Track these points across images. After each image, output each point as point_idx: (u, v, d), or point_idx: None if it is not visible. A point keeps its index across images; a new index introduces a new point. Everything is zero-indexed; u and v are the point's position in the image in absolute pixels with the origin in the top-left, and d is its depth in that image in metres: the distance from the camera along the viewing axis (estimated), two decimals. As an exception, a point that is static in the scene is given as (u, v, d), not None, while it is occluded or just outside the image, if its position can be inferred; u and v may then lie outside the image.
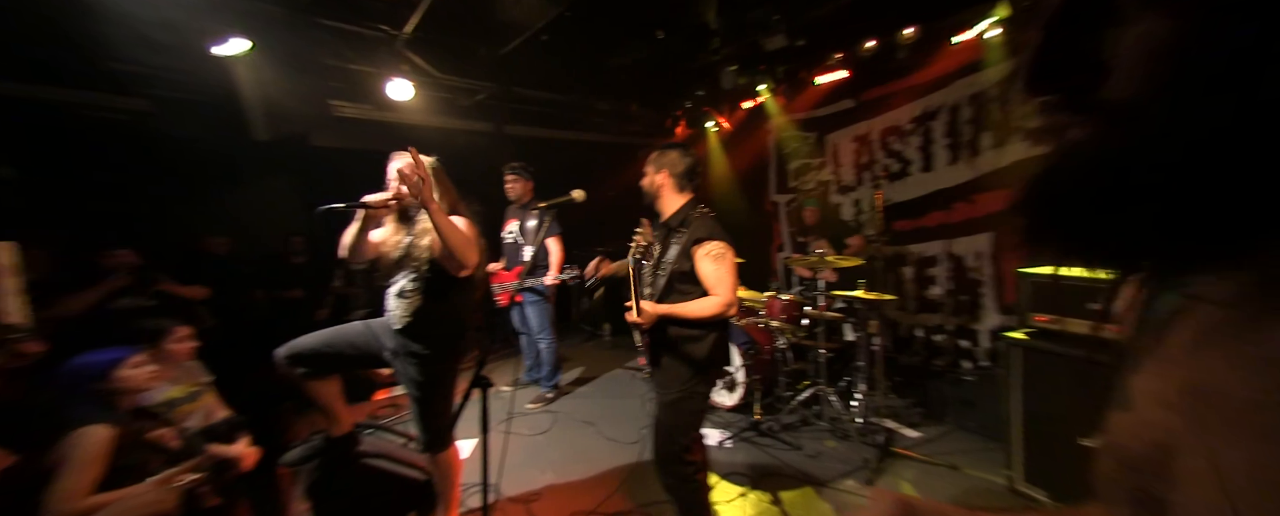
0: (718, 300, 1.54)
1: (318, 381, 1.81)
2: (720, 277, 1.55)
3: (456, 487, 1.88)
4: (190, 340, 1.95)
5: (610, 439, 2.75)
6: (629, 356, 4.38)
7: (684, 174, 1.65)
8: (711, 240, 1.56)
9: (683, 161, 1.65)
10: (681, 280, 1.59)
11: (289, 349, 1.74)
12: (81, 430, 1.38)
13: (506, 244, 3.42)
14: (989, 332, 3.39)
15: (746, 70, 3.93)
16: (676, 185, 1.66)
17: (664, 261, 1.62)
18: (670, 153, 1.68)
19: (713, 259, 1.55)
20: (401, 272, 1.72)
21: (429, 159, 1.78)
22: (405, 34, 3.20)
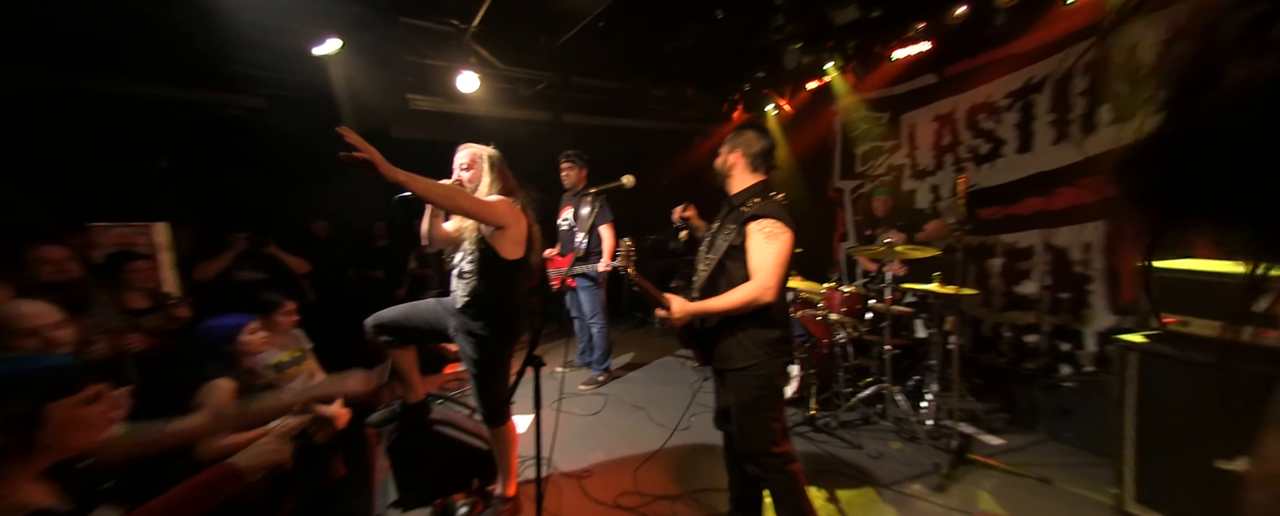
0: (751, 286, 1.43)
1: (397, 350, 2.00)
2: (764, 260, 1.44)
3: (514, 459, 2.00)
4: (295, 313, 2.23)
5: (659, 424, 2.77)
6: (676, 343, 4.37)
7: (758, 155, 1.58)
8: (770, 218, 1.47)
9: (758, 142, 1.58)
10: (732, 257, 1.52)
11: (375, 319, 1.94)
12: (212, 382, 1.63)
13: (562, 231, 3.53)
14: (1096, 334, 2.96)
15: (812, 47, 3.67)
16: (749, 166, 1.59)
17: (717, 240, 1.57)
18: (746, 132, 1.61)
19: (765, 237, 1.45)
20: (462, 255, 1.83)
21: (489, 148, 1.87)
22: (473, 27, 3.35)
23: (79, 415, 0.86)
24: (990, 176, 3.45)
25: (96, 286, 2.09)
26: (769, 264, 1.44)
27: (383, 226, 4.52)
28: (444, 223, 1.89)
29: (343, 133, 1.33)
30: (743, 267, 1.49)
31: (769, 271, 1.44)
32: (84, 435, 0.87)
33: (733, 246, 1.50)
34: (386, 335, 1.95)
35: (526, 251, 1.85)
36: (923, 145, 3.94)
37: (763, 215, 1.47)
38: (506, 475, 1.96)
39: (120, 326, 1.95)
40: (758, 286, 1.43)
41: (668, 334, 4.76)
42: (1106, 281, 2.94)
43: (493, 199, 1.74)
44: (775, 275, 1.44)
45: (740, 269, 1.50)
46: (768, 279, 1.43)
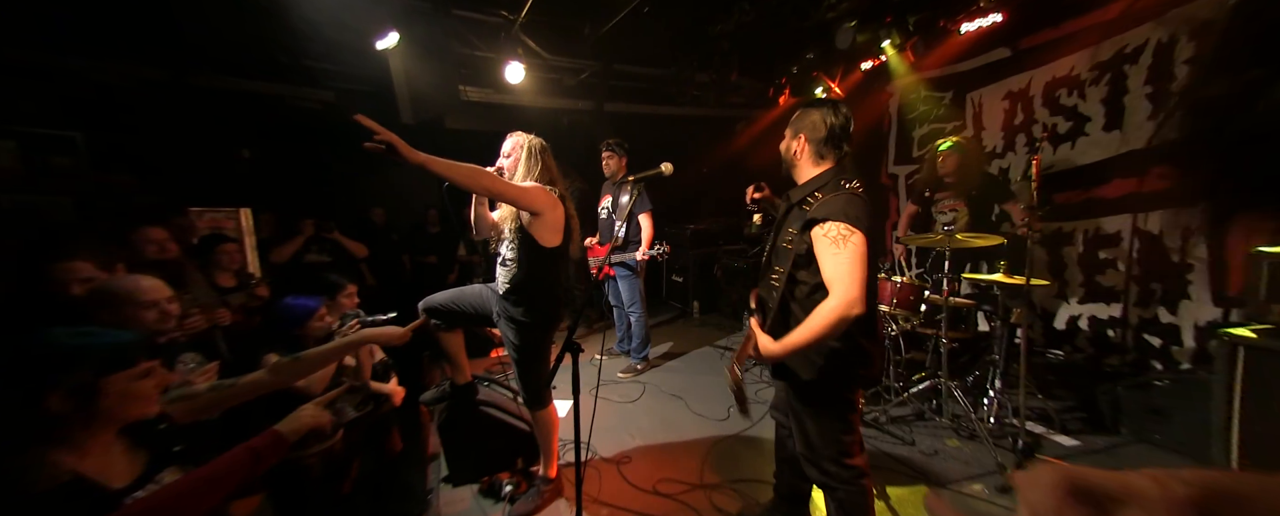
0: (833, 305, 1.20)
1: (447, 333, 2.09)
2: (839, 269, 1.21)
3: (555, 441, 2.05)
4: (355, 295, 2.39)
5: (698, 414, 2.75)
6: (717, 334, 4.32)
7: (826, 139, 1.36)
8: (834, 220, 1.24)
9: (826, 123, 1.36)
10: (799, 266, 1.33)
11: (426, 302, 2.03)
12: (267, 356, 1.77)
13: (601, 219, 3.54)
14: (1194, 328, 2.62)
15: (868, 25, 3.41)
16: (815, 153, 1.38)
17: (780, 243, 1.40)
18: (812, 113, 1.39)
19: (832, 242, 1.23)
20: (504, 243, 1.87)
21: (531, 137, 1.88)
22: (521, 18, 3.39)
23: (134, 388, 0.93)
24: (1070, 157, 3.10)
25: (192, 265, 2.34)
26: (845, 272, 1.21)
27: (435, 214, 4.75)
28: (491, 211, 1.93)
29: (360, 120, 1.31)
30: (814, 275, 1.29)
31: (849, 282, 1.20)
32: (138, 407, 0.95)
33: (798, 254, 1.32)
34: (436, 318, 2.04)
35: (565, 239, 1.86)
36: (991, 125, 3.59)
37: (826, 217, 1.26)
38: (548, 457, 2.02)
39: (213, 302, 2.17)
40: (840, 302, 1.20)
41: (705, 324, 4.71)
42: (1210, 270, 2.57)
43: (526, 184, 1.74)
44: (857, 284, 1.20)
45: (810, 278, 1.32)
46: (849, 291, 1.20)
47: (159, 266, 2.02)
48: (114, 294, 1.42)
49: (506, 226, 1.84)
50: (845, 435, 1.40)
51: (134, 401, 0.93)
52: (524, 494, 1.99)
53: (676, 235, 5.06)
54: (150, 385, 0.96)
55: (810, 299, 1.32)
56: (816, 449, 1.42)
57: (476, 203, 1.91)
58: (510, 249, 1.83)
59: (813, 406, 1.41)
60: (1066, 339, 3.18)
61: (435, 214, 4.74)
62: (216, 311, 2.07)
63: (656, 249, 3.25)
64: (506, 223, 1.84)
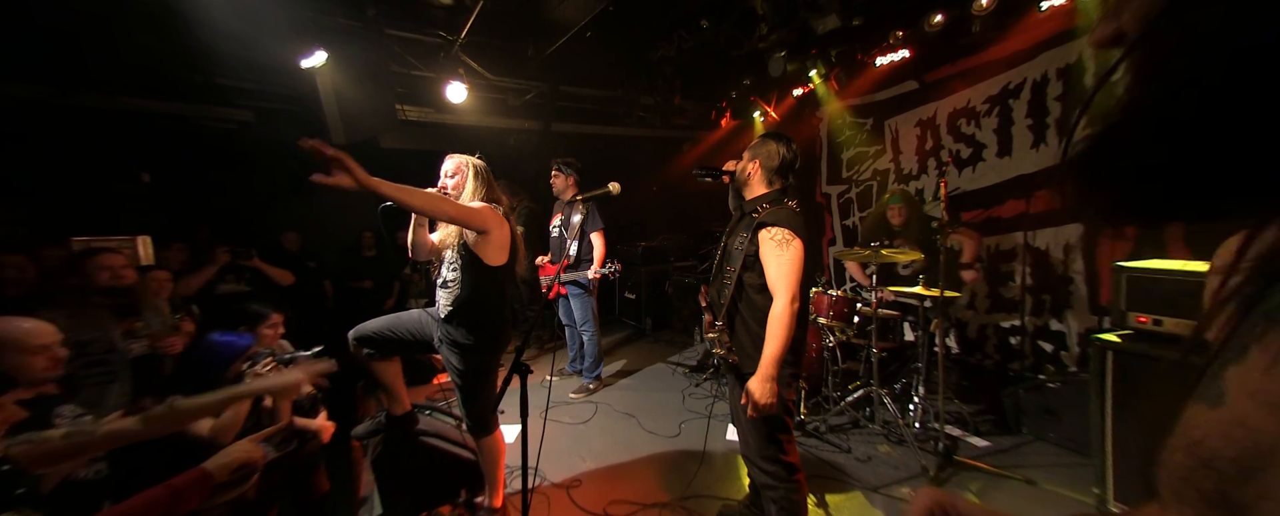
0: (781, 306, 1.40)
1: (381, 362, 1.98)
2: (781, 270, 1.43)
3: (501, 469, 1.98)
4: (280, 325, 2.21)
5: (650, 431, 2.77)
6: (670, 351, 4.38)
7: (777, 169, 1.58)
8: (780, 226, 1.46)
9: (778, 155, 1.58)
10: (748, 266, 1.50)
11: (357, 332, 1.93)
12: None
13: (552, 238, 3.54)
14: (1078, 335, 3.01)
15: (796, 55, 3.75)
16: (765, 178, 1.59)
17: (732, 247, 1.56)
18: (769, 143, 1.61)
19: (777, 244, 1.44)
20: (444, 264, 1.83)
21: (474, 158, 1.88)
22: (461, 38, 3.39)
23: None
24: (972, 180, 3.52)
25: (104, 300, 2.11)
26: (785, 274, 1.42)
27: (370, 237, 4.50)
28: (429, 233, 1.89)
29: (304, 145, 1.23)
30: (758, 276, 1.48)
31: (788, 283, 1.42)
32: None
33: (748, 255, 1.49)
34: (369, 347, 1.94)
35: (511, 258, 1.85)
36: (906, 150, 4.02)
37: (773, 223, 1.47)
38: (494, 486, 1.94)
39: (165, 330, 2.04)
40: (786, 301, 1.40)
41: (659, 341, 4.77)
42: (1086, 281, 3.00)
43: (475, 205, 1.74)
44: (794, 284, 1.42)
45: (756, 278, 1.48)
46: (789, 291, 1.41)
47: (115, 293, 1.87)
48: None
49: (449, 247, 1.80)
50: (780, 432, 1.50)
51: None
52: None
53: (628, 253, 5.13)
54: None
55: (757, 297, 1.48)
56: (754, 446, 1.51)
57: (416, 225, 1.86)
58: (452, 270, 1.79)
59: None
60: (979, 346, 3.55)
61: (371, 237, 4.50)
62: (166, 339, 1.95)
63: (609, 267, 3.29)
64: (449, 243, 1.80)
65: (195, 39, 2.51)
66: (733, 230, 1.60)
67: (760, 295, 1.46)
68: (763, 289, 1.46)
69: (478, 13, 3.05)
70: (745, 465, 1.62)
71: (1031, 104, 3.20)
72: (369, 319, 1.98)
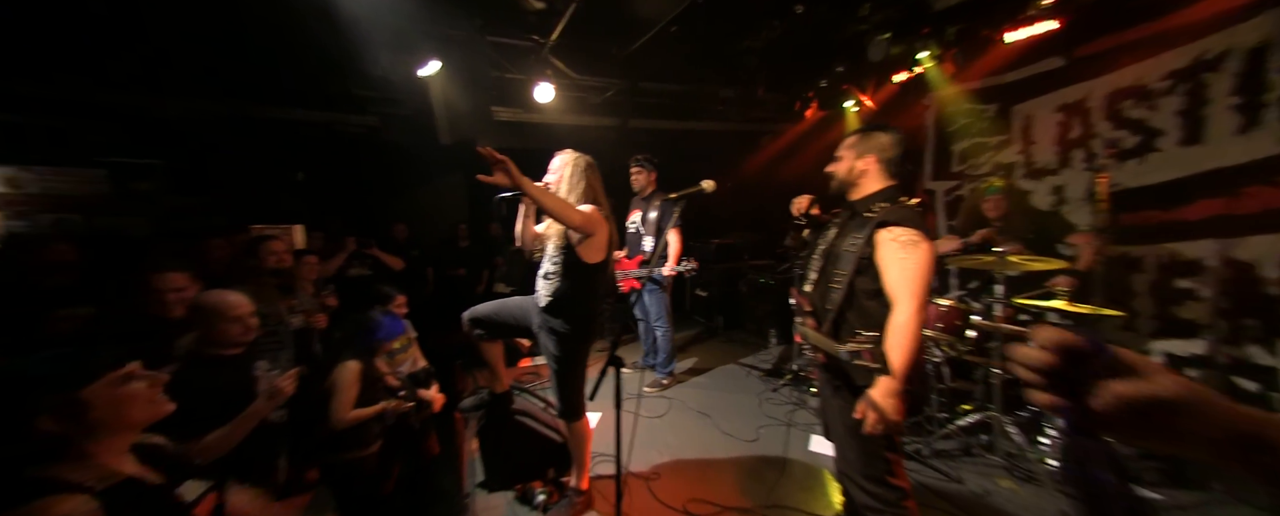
0: (905, 313, 1.24)
1: (488, 343, 2.18)
2: (905, 275, 1.26)
3: (587, 454, 2.08)
4: (404, 305, 2.52)
5: (727, 433, 2.74)
6: (742, 351, 4.29)
7: (893, 160, 1.43)
8: (904, 226, 1.29)
9: (896, 146, 1.43)
10: (862, 270, 1.35)
11: (470, 313, 2.13)
12: (345, 362, 1.90)
13: (629, 234, 3.61)
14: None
15: (903, 36, 3.36)
16: (883, 172, 1.43)
17: (841, 249, 1.42)
18: (879, 135, 1.45)
19: (900, 247, 1.28)
20: (546, 257, 1.94)
21: (579, 155, 1.97)
22: (551, 41, 3.56)
23: (123, 393, 0.95)
24: (1139, 175, 2.84)
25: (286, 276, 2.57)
26: (910, 279, 1.26)
27: (464, 229, 4.93)
28: (535, 225, 2.02)
29: (484, 152, 1.49)
30: (873, 281, 1.33)
31: (914, 289, 1.26)
32: (140, 409, 0.98)
33: (862, 258, 1.34)
34: (480, 328, 2.13)
35: (606, 256, 1.92)
36: (1042, 139, 3.40)
37: (895, 222, 1.31)
38: (580, 469, 2.05)
39: (313, 307, 2.45)
40: (908, 312, 1.25)
41: (731, 341, 4.70)
42: None
43: (587, 209, 1.81)
44: (922, 291, 1.26)
45: (870, 283, 1.34)
46: (916, 298, 1.25)
47: (278, 274, 2.30)
48: (205, 308, 1.57)
49: (552, 242, 1.92)
50: (888, 451, 1.37)
51: (132, 405, 0.96)
52: (556, 504, 2.03)
53: (700, 249, 5.09)
54: (141, 387, 0.98)
55: (869, 303, 1.35)
56: (857, 465, 1.40)
57: (524, 216, 2.00)
58: (553, 263, 1.90)
59: None
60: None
61: (465, 228, 4.93)
62: (315, 316, 2.32)
63: (685, 264, 3.29)
64: (552, 237, 1.91)
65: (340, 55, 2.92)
66: (844, 230, 1.47)
67: (874, 301, 1.34)
68: (877, 295, 1.33)
69: (569, 14, 3.18)
70: (841, 483, 1.48)
71: (1241, 78, 2.48)
72: (461, 301, 2.19)
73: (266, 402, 1.55)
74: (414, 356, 2.47)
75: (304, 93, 3.75)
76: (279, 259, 2.47)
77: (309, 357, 2.25)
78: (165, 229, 3.37)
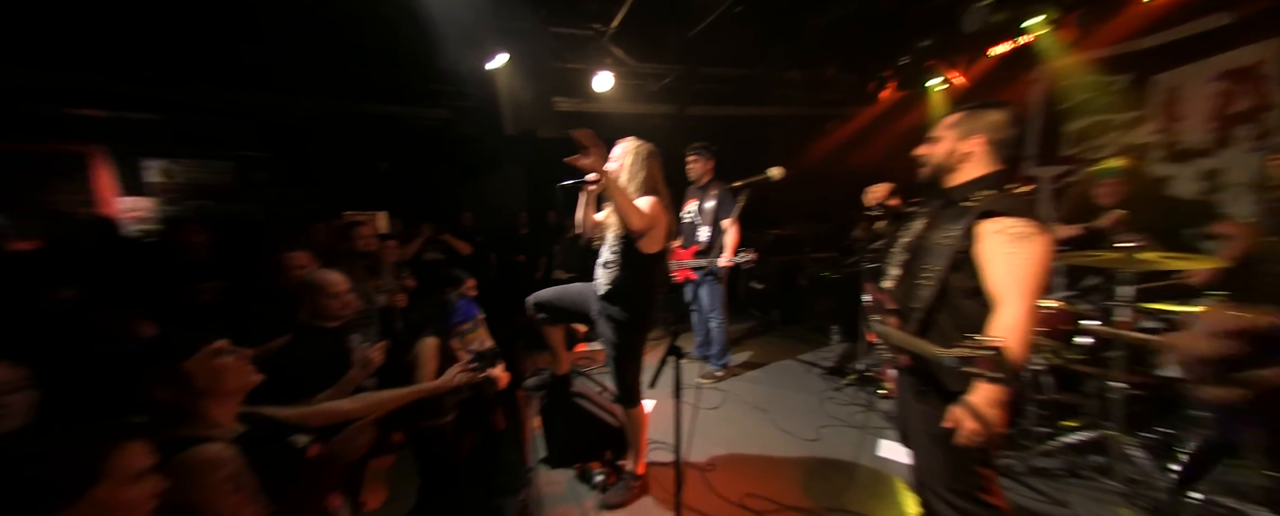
0: (1014, 314, 1.06)
1: (550, 326, 2.27)
2: (1014, 271, 1.08)
3: (644, 439, 2.11)
4: (474, 288, 2.68)
5: (785, 430, 2.65)
6: (801, 347, 4.12)
7: (1005, 142, 1.25)
8: (1015, 216, 1.11)
9: (1010, 126, 1.24)
10: (958, 266, 1.18)
11: (535, 298, 2.22)
12: (424, 339, 2.06)
13: (684, 223, 3.56)
14: None
15: (1008, 2, 2.96)
16: (992, 154, 1.25)
17: (933, 242, 1.25)
18: (990, 113, 1.26)
19: (1008, 239, 1.10)
20: (606, 246, 1.96)
21: (640, 143, 1.96)
22: (612, 29, 3.55)
23: (217, 364, 1.12)
24: None
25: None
26: (1022, 276, 1.07)
27: (525, 217, 5.14)
28: (596, 213, 2.05)
29: (578, 135, 1.55)
30: (972, 279, 1.16)
31: (1025, 287, 1.07)
32: (233, 377, 1.14)
33: (959, 252, 1.17)
34: (543, 312, 2.22)
35: (665, 247, 1.91)
36: (1191, 114, 2.87)
37: (1002, 211, 1.13)
38: (636, 454, 2.09)
39: (396, 287, 2.74)
40: (1018, 313, 1.06)
41: (787, 336, 4.53)
42: None
43: (647, 202, 1.81)
44: (1033, 292, 1.07)
45: (968, 281, 1.17)
46: (1027, 297, 1.07)
47: (366, 256, 2.58)
48: (315, 285, 1.77)
49: (611, 230, 1.94)
50: (979, 464, 1.23)
51: (226, 374, 1.13)
52: (613, 486, 2.09)
53: (756, 241, 4.91)
54: (231, 361, 1.15)
55: (965, 303, 1.20)
56: (943, 478, 1.26)
57: (584, 204, 2.03)
58: (613, 252, 1.92)
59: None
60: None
61: (525, 216, 5.13)
62: (397, 295, 2.57)
63: (742, 256, 3.19)
64: (612, 226, 1.93)
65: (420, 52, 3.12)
66: (936, 221, 1.31)
67: (972, 301, 1.18)
68: (975, 293, 1.17)
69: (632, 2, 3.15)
70: (920, 495, 1.35)
71: None
72: (521, 285, 2.28)
73: (360, 371, 1.72)
74: (481, 336, 2.62)
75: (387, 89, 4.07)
76: (367, 243, 2.73)
77: (392, 333, 2.47)
78: (275, 214, 3.87)
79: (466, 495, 1.98)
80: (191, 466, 0.98)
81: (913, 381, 1.32)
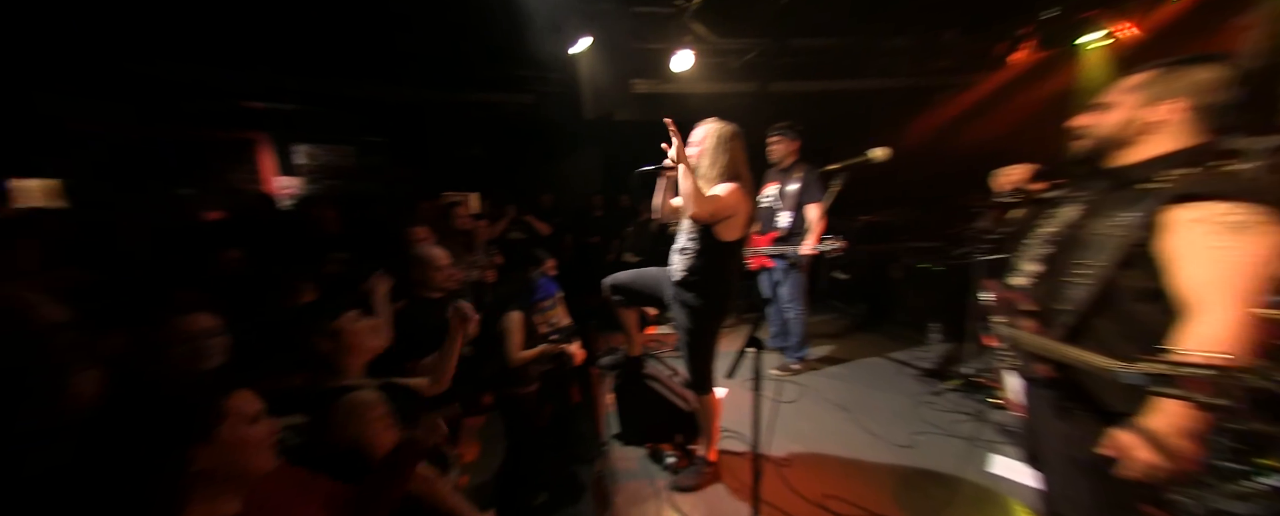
0: (1216, 323, 0.83)
1: (625, 309, 2.30)
2: (1221, 272, 0.84)
3: (716, 426, 2.08)
4: (553, 268, 2.81)
5: (871, 432, 2.45)
6: (891, 345, 3.77)
7: (1220, 107, 0.98)
8: (1227, 200, 0.86)
9: (1224, 86, 0.97)
10: (1134, 261, 0.95)
11: (611, 280, 2.27)
12: (510, 313, 2.21)
13: (762, 208, 3.37)
14: None
15: None
16: (1196, 125, 0.99)
17: (1091, 230, 1.03)
18: (1196, 71, 0.99)
19: (1219, 231, 0.86)
20: (683, 232, 1.92)
21: (723, 125, 1.87)
22: (694, 4, 3.41)
23: (361, 326, 1.36)
24: None
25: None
26: (1231, 277, 0.84)
27: (600, 199, 5.25)
28: (673, 198, 2.01)
29: (670, 124, 1.59)
30: (1151, 278, 0.94)
31: (1236, 293, 0.83)
32: (371, 338, 1.38)
33: (1135, 244, 0.95)
34: (618, 295, 2.25)
35: (744, 234, 1.84)
36: None
37: (1209, 194, 0.89)
38: (708, 440, 2.07)
39: (487, 263, 3.00)
40: (1221, 322, 0.83)
41: (872, 330, 4.17)
42: None
43: (723, 192, 1.74)
44: (1248, 298, 0.83)
45: (1145, 280, 0.94)
46: (1235, 304, 0.83)
47: (463, 233, 2.87)
48: (423, 259, 1.98)
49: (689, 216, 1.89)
50: (1149, 503, 1.02)
51: (367, 334, 1.37)
52: (684, 469, 2.10)
53: (843, 227, 4.53)
54: (368, 323, 1.40)
55: (1139, 308, 0.97)
56: (1092, 513, 1.07)
57: (661, 189, 2.01)
58: (690, 238, 1.88)
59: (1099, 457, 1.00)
60: None
61: (600, 199, 5.24)
62: (487, 271, 2.84)
63: (828, 244, 2.95)
64: (684, 213, 1.89)
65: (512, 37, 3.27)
66: (1097, 208, 1.07)
67: (1147, 304, 0.95)
68: (1153, 296, 0.94)
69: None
70: None
71: None
72: (594, 267, 2.32)
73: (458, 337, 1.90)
74: (560, 314, 2.75)
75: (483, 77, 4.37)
76: (464, 222, 2.98)
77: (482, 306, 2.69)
78: (389, 194, 4.41)
79: (547, 459, 2.12)
80: (354, 408, 1.18)
81: (1053, 395, 1.11)
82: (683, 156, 1.58)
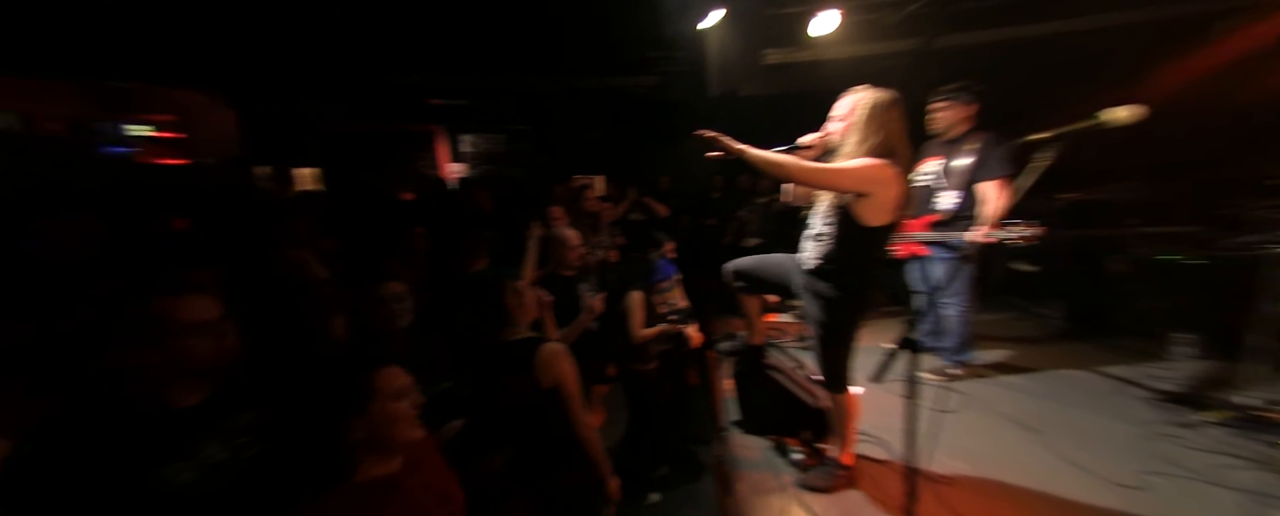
0: None
1: (747, 296, 2.20)
2: None
3: (851, 428, 1.87)
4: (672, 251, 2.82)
5: (1075, 463, 1.94)
6: (1107, 356, 2.94)
7: None
8: None
9: None
10: None
11: (733, 266, 2.18)
12: (631, 293, 2.29)
13: (917, 187, 2.83)
14: None
15: None
16: None
17: None
18: None
19: None
20: (817, 215, 1.72)
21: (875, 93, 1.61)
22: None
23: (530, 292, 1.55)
24: None
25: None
26: None
27: (719, 180, 5.09)
28: None
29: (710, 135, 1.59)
30: None
31: None
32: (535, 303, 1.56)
33: None
34: (740, 281, 2.16)
35: (893, 219, 1.59)
36: None
37: None
38: (843, 442, 1.88)
39: (609, 245, 3.19)
40: None
41: (1070, 337, 3.29)
42: None
43: (851, 165, 1.53)
44: None
45: None
46: None
47: (591, 215, 3.11)
48: (557, 239, 2.18)
49: (825, 198, 1.69)
50: None
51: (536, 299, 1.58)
52: (814, 468, 1.94)
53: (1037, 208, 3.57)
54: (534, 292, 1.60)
55: None
56: None
57: None
58: (826, 223, 1.68)
59: None
60: None
61: (720, 180, 5.07)
62: (610, 252, 3.04)
63: (1015, 230, 2.35)
64: (823, 195, 1.70)
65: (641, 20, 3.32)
66: None
67: None
68: None
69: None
70: None
71: None
72: (711, 250, 2.23)
73: (587, 315, 2.04)
74: (678, 296, 2.75)
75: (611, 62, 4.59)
76: (592, 204, 3.18)
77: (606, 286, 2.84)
78: (532, 177, 5.00)
79: (667, 436, 2.17)
80: (553, 356, 1.38)
81: None
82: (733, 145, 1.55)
